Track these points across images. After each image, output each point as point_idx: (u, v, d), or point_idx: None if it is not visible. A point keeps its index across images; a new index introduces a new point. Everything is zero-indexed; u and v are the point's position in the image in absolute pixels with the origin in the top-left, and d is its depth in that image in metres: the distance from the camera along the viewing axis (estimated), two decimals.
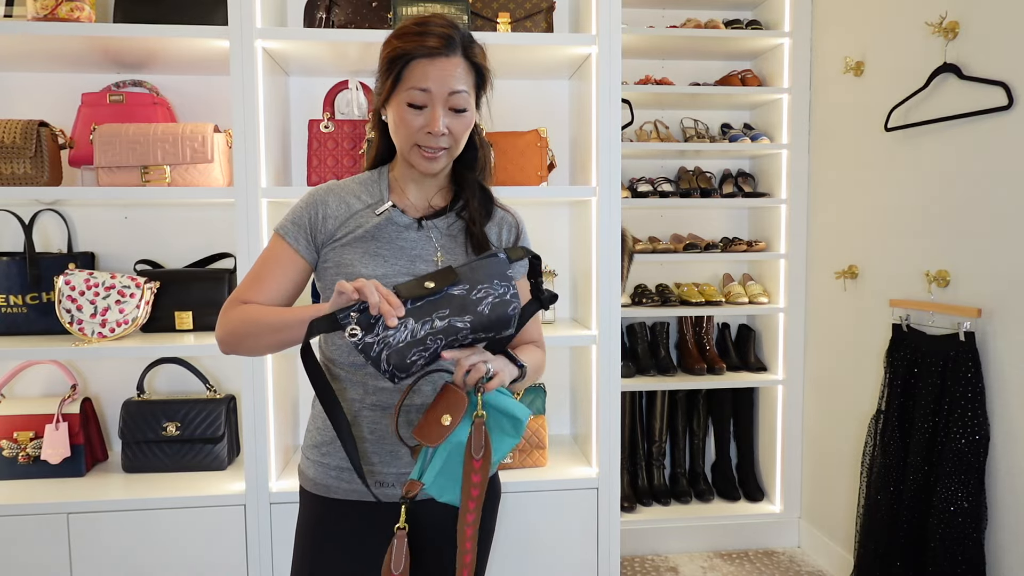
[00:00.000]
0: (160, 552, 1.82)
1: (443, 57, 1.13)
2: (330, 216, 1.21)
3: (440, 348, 1.01)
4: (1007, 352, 1.85)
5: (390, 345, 0.97)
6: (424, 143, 1.15)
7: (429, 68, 1.13)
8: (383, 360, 0.98)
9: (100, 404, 2.18)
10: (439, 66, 1.13)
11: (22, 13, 1.95)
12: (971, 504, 1.84)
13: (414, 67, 1.13)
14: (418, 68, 1.13)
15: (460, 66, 1.15)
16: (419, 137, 1.15)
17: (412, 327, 0.98)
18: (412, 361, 0.99)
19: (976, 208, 1.93)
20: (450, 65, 1.13)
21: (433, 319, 0.99)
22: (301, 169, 2.16)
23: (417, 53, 1.13)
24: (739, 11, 2.92)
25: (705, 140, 2.85)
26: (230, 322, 1.17)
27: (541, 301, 1.13)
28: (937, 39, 2.03)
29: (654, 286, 2.87)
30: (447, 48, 1.13)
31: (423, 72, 1.13)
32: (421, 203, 1.25)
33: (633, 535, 2.73)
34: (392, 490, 1.20)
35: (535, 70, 2.16)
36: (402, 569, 1.01)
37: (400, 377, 1.00)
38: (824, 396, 2.67)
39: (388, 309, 0.96)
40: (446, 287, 1.02)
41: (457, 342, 1.01)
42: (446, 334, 1.00)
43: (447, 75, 1.13)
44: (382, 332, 0.97)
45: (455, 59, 1.14)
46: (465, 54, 1.16)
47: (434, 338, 0.99)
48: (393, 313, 0.97)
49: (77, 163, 2.00)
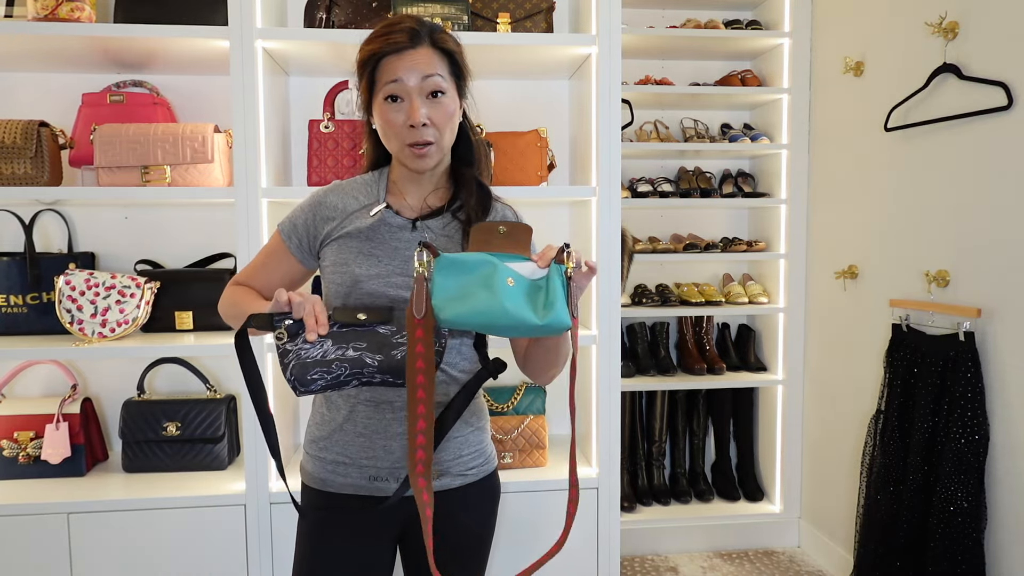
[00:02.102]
0: (160, 552, 1.83)
1: (410, 50, 1.15)
2: (327, 217, 1.24)
3: (344, 376, 1.04)
4: (1007, 352, 1.85)
5: (300, 357, 1.03)
6: (410, 140, 1.16)
7: (398, 62, 1.15)
8: (289, 368, 1.03)
9: (100, 404, 2.18)
10: (407, 58, 1.15)
11: (22, 13, 1.95)
12: (971, 504, 1.85)
13: (384, 65, 1.16)
14: (388, 65, 1.16)
15: (430, 55, 1.17)
16: (405, 135, 1.16)
17: (326, 348, 1.04)
18: (312, 379, 1.04)
19: (976, 208, 1.93)
20: (418, 55, 1.16)
21: (348, 347, 1.04)
22: (301, 169, 2.16)
23: (384, 51, 1.15)
24: (739, 11, 2.93)
25: (705, 140, 2.85)
26: (223, 298, 1.29)
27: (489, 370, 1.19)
28: (937, 39, 2.03)
29: (654, 286, 2.87)
30: (412, 41, 1.15)
31: (392, 68, 1.15)
32: (417, 203, 1.26)
33: (633, 535, 2.73)
34: (386, 484, 1.22)
35: (535, 70, 2.16)
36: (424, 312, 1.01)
37: (300, 390, 1.05)
38: (824, 396, 2.67)
39: (311, 324, 1.03)
40: (375, 323, 1.06)
41: (363, 376, 1.05)
42: (352, 364, 1.04)
43: (416, 64, 1.15)
44: (300, 344, 1.04)
45: (423, 49, 1.16)
46: (433, 43, 1.18)
47: (340, 364, 1.04)
48: (315, 329, 1.03)
49: (77, 163, 2.00)
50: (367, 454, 1.21)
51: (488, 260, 1.02)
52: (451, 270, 1.02)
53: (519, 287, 1.01)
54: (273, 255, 1.29)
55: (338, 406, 1.23)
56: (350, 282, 1.19)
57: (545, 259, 1.02)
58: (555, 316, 0.99)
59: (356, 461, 1.21)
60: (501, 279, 1.00)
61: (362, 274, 1.18)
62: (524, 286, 1.02)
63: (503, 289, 0.99)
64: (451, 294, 1.01)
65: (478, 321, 1.00)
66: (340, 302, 1.20)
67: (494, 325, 1.00)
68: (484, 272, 1.01)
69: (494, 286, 0.99)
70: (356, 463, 1.21)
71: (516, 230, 1.08)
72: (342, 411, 1.23)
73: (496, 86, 2.24)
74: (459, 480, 1.25)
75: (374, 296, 1.18)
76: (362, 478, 1.22)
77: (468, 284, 1.01)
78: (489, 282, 1.00)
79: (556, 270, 1.02)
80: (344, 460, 1.22)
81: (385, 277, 1.19)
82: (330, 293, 1.23)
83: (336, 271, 1.21)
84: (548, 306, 1.00)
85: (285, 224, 1.28)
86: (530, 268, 1.03)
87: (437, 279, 1.02)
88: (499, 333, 1.02)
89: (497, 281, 1.00)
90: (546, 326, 0.99)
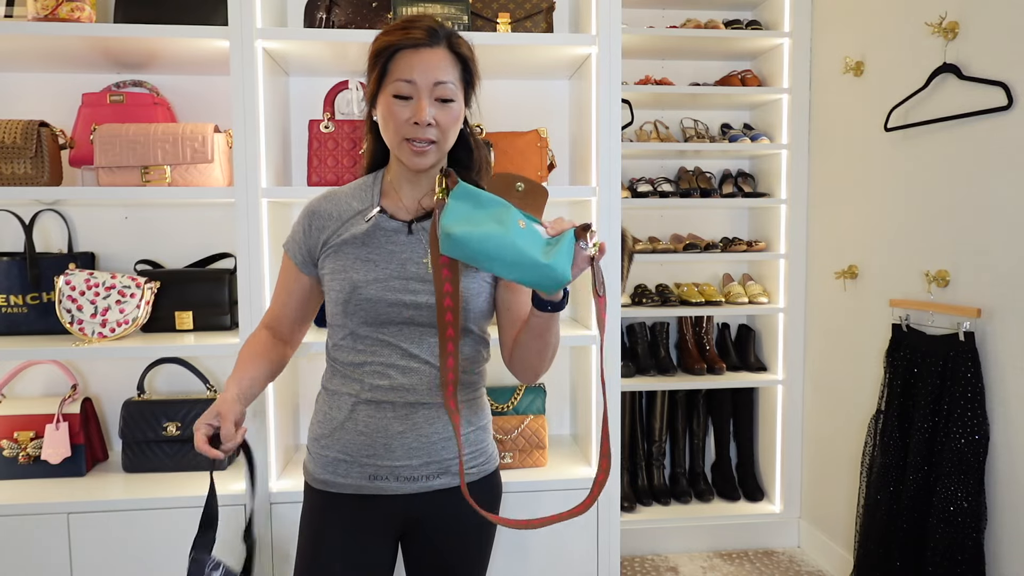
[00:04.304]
0: (160, 552, 1.82)
1: (427, 48, 1.15)
2: (322, 226, 1.25)
3: None
4: (1007, 352, 1.85)
5: None
6: (411, 135, 1.16)
7: (413, 58, 1.15)
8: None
9: (100, 404, 2.18)
10: (423, 56, 1.15)
11: (22, 13, 1.95)
12: (971, 504, 1.85)
13: (399, 59, 1.16)
14: (403, 59, 1.15)
15: (445, 58, 1.17)
16: (406, 130, 1.16)
17: None
18: None
19: (976, 208, 1.93)
20: (434, 56, 1.15)
21: None
22: (301, 169, 2.16)
23: (402, 44, 1.15)
24: (739, 11, 2.93)
25: (705, 140, 2.86)
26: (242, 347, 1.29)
27: None
28: (937, 39, 2.03)
29: (654, 286, 2.87)
30: (431, 39, 1.16)
31: (407, 63, 1.15)
32: (413, 205, 1.25)
33: (633, 535, 2.73)
34: (386, 483, 1.22)
35: (535, 70, 2.16)
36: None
37: None
38: (824, 396, 2.67)
39: None
40: None
41: None
42: None
43: (431, 65, 1.15)
44: None
45: (439, 50, 1.16)
46: (450, 46, 1.18)
47: None
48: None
49: (77, 163, 2.00)
50: (368, 452, 1.21)
51: (503, 202, 1.05)
52: (467, 199, 1.04)
53: (529, 231, 1.03)
54: (287, 275, 1.30)
55: (340, 404, 1.24)
56: (349, 288, 1.19)
57: (555, 228, 1.04)
58: (558, 261, 1.01)
59: (357, 459, 1.22)
60: (513, 219, 1.02)
61: (360, 280, 1.19)
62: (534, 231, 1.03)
63: (514, 226, 1.01)
64: (463, 217, 1.02)
65: (484, 247, 1.00)
66: (340, 309, 1.21)
67: (498, 255, 1.00)
68: (498, 210, 1.03)
69: (506, 222, 1.01)
70: (357, 461, 1.22)
71: (533, 192, 1.09)
72: (344, 409, 1.23)
73: (496, 86, 2.24)
74: (459, 479, 1.25)
75: (373, 302, 1.19)
76: (363, 477, 1.22)
77: (481, 215, 1.03)
78: (502, 218, 1.02)
79: (569, 236, 1.03)
80: (345, 458, 1.23)
81: (383, 281, 1.19)
82: (330, 301, 1.24)
83: (335, 278, 1.21)
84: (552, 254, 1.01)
85: (288, 242, 1.29)
86: (540, 230, 1.05)
87: (451, 203, 1.03)
88: (499, 268, 1.02)
89: (509, 219, 1.02)
90: (549, 265, 1.00)
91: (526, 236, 1.01)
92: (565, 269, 1.01)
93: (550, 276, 1.01)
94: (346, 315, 1.21)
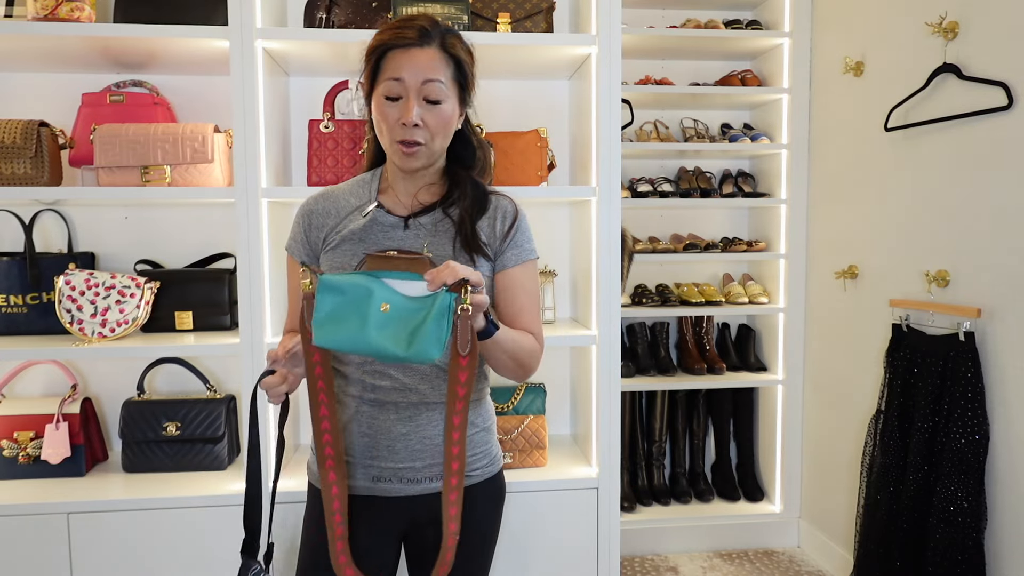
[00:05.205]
0: (160, 552, 1.82)
1: (417, 48, 1.15)
2: (320, 223, 1.25)
3: None
4: (1007, 352, 1.85)
5: None
6: (400, 137, 1.16)
7: (403, 58, 1.15)
8: None
9: (100, 404, 2.18)
10: (412, 56, 1.15)
11: (22, 13, 1.94)
12: (971, 504, 1.85)
13: (389, 58, 1.16)
14: (393, 59, 1.16)
15: (436, 57, 1.16)
16: (396, 132, 1.17)
17: None
18: None
19: (976, 208, 1.93)
20: (424, 56, 1.15)
21: None
22: (301, 169, 2.16)
23: (393, 44, 1.16)
24: (739, 11, 2.93)
25: (705, 140, 2.86)
26: None
27: None
28: (937, 39, 2.03)
29: (654, 286, 2.87)
30: (422, 39, 1.15)
31: (397, 63, 1.15)
32: (409, 200, 1.26)
33: (633, 535, 2.73)
34: (389, 484, 1.22)
35: (535, 70, 2.16)
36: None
37: None
38: (824, 396, 2.67)
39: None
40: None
41: None
42: None
43: (420, 64, 1.15)
44: None
45: (430, 50, 1.16)
46: (443, 46, 1.18)
47: None
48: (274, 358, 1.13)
49: (77, 163, 2.00)
50: (371, 454, 1.21)
51: (364, 284, 1.02)
52: (330, 291, 1.02)
53: (394, 313, 1.00)
54: (293, 277, 1.30)
55: (343, 406, 1.24)
56: None
57: (435, 281, 1.00)
58: (420, 347, 0.98)
59: (360, 461, 1.22)
60: (375, 304, 1.00)
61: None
62: (400, 310, 1.01)
63: (373, 316, 0.99)
64: (327, 313, 1.01)
65: (347, 348, 1.01)
66: None
67: (360, 352, 1.01)
68: (358, 295, 1.01)
69: (365, 312, 1.00)
70: (360, 463, 1.22)
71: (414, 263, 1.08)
72: (347, 411, 1.23)
73: (496, 86, 2.24)
74: (464, 480, 1.25)
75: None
76: (366, 478, 1.22)
77: (342, 306, 1.01)
78: (361, 307, 1.00)
79: (444, 297, 1.01)
80: (348, 459, 1.23)
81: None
82: None
83: None
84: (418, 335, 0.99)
85: (290, 244, 1.29)
86: (419, 287, 1.02)
87: (317, 299, 1.03)
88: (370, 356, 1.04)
89: (370, 307, 1.00)
90: (407, 357, 0.99)
91: (384, 326, 1.00)
92: (428, 351, 0.98)
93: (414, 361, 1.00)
94: None
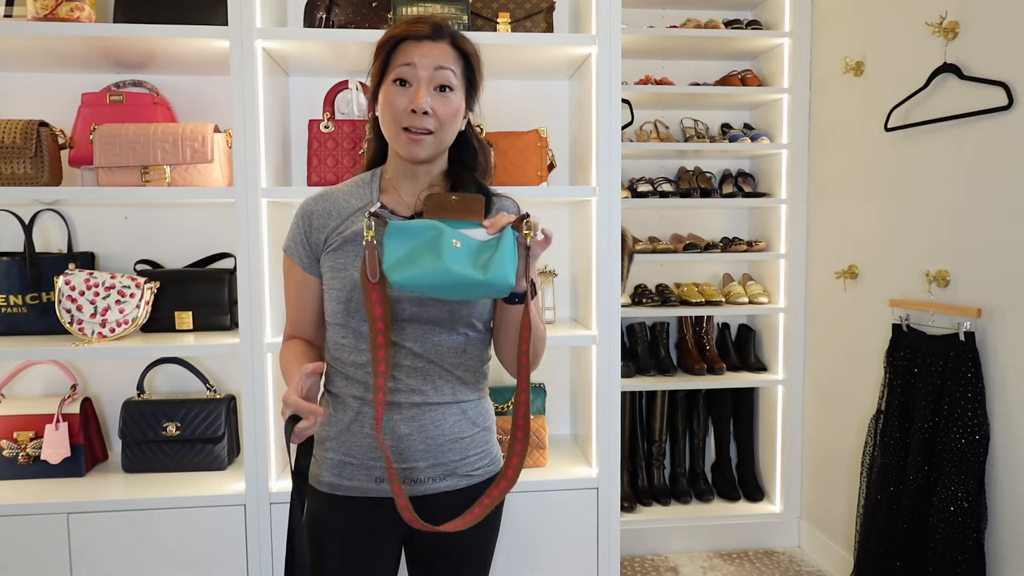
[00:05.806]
0: (160, 552, 1.82)
1: (430, 40, 1.19)
2: (321, 224, 1.24)
3: None
4: (1007, 352, 1.85)
5: None
6: (409, 123, 1.17)
7: (415, 48, 1.18)
8: None
9: (100, 404, 2.18)
10: (425, 46, 1.18)
11: (22, 13, 1.94)
12: (971, 504, 1.84)
13: (401, 48, 1.19)
14: (405, 49, 1.18)
15: (447, 50, 1.20)
16: (404, 118, 1.17)
17: None
18: None
19: (976, 208, 1.93)
20: (436, 48, 1.19)
21: None
22: (301, 169, 2.16)
23: (406, 35, 1.19)
24: (739, 11, 2.92)
25: (705, 140, 2.85)
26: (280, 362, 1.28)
27: None
28: (937, 39, 2.03)
29: (654, 286, 2.87)
30: (435, 34, 1.19)
31: (409, 51, 1.18)
32: (412, 200, 1.25)
33: (633, 535, 2.73)
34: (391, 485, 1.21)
35: (535, 70, 2.16)
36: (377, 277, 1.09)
37: None
38: (824, 396, 2.67)
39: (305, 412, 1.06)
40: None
41: None
42: None
43: (433, 54, 1.18)
44: None
45: (442, 44, 1.20)
46: (453, 42, 1.21)
47: None
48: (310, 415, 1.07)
49: (77, 163, 2.00)
50: (374, 455, 1.21)
51: (434, 225, 1.08)
52: (399, 236, 1.07)
53: (465, 248, 1.06)
54: (293, 282, 1.28)
55: (346, 407, 1.23)
56: (350, 287, 1.18)
57: (495, 226, 1.08)
58: (497, 272, 1.04)
59: (363, 462, 1.21)
60: (447, 241, 1.05)
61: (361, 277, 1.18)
62: (471, 247, 1.07)
63: (448, 251, 1.04)
64: (400, 257, 1.06)
65: (426, 282, 1.05)
66: (341, 308, 1.20)
67: (441, 285, 1.05)
68: (430, 236, 1.07)
69: (440, 248, 1.04)
70: (363, 464, 1.21)
71: (468, 199, 1.13)
72: (350, 412, 1.22)
73: (496, 86, 2.24)
74: (465, 481, 1.25)
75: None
76: (368, 480, 1.21)
77: (415, 248, 1.06)
78: (435, 245, 1.05)
79: (509, 234, 1.07)
80: (350, 461, 1.22)
81: None
82: (330, 299, 1.22)
83: (335, 276, 1.20)
84: (493, 263, 1.05)
85: (289, 246, 1.27)
86: (481, 233, 1.09)
87: (386, 244, 1.07)
88: (447, 294, 1.07)
89: (443, 244, 1.05)
90: (488, 281, 1.04)
91: (460, 257, 1.05)
92: (505, 275, 1.04)
93: (493, 288, 1.05)
94: (348, 314, 1.19)
